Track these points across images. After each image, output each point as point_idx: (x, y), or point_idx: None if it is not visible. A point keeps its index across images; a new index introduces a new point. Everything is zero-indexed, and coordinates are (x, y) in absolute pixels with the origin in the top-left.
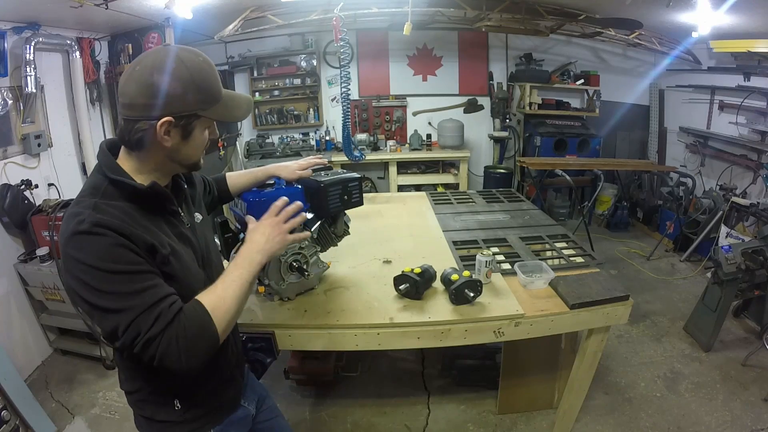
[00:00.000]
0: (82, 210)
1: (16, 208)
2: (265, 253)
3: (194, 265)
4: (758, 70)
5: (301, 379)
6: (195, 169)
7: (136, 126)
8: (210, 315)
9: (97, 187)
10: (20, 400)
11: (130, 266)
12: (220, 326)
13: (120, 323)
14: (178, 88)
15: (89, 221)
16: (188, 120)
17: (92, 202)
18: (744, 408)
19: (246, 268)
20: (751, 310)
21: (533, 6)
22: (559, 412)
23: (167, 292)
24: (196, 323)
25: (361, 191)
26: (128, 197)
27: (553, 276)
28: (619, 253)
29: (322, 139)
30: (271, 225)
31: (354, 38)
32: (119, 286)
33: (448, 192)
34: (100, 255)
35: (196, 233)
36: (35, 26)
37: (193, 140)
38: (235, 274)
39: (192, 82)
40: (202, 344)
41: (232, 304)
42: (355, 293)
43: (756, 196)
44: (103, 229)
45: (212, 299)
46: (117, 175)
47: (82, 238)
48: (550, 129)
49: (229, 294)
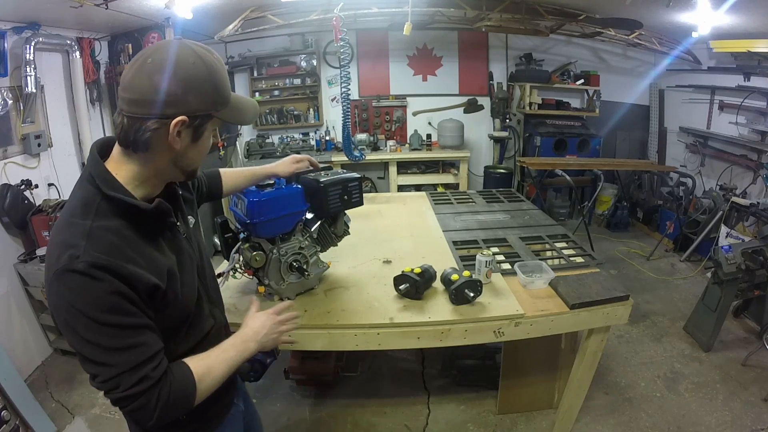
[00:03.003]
0: (77, 241)
1: (16, 208)
2: (260, 344)
3: (193, 276)
4: (758, 70)
5: (301, 379)
6: (193, 176)
7: (145, 125)
8: (195, 385)
9: (89, 204)
10: (20, 400)
11: (123, 318)
12: (200, 397)
13: (100, 374)
14: (197, 86)
15: (85, 261)
16: (202, 120)
17: (86, 227)
18: (744, 408)
19: (240, 352)
20: (751, 310)
21: (533, 6)
22: (559, 412)
23: (154, 351)
24: (179, 390)
25: (361, 191)
26: (125, 215)
27: (553, 276)
28: (619, 253)
29: (322, 139)
30: (272, 322)
31: (354, 38)
32: (107, 340)
33: (448, 192)
34: (93, 302)
35: (191, 242)
36: (35, 26)
37: (201, 143)
38: (229, 354)
39: (209, 81)
40: (178, 410)
41: (218, 379)
42: (355, 293)
43: (756, 196)
44: (100, 272)
45: (202, 370)
46: (114, 191)
47: (74, 278)
48: (550, 129)
49: (218, 371)
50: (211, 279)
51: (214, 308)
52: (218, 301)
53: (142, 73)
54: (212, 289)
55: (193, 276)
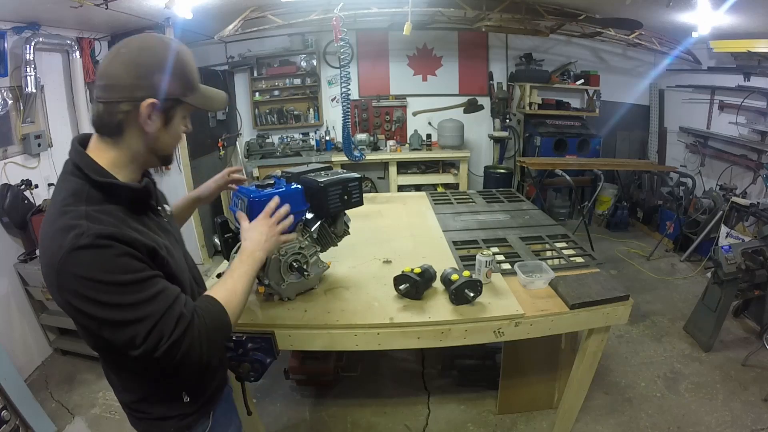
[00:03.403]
0: (76, 222)
1: (16, 208)
2: (265, 250)
3: (180, 258)
4: (758, 70)
5: (301, 379)
6: (168, 162)
7: (117, 108)
8: (225, 308)
9: (79, 194)
10: (20, 400)
11: (139, 274)
12: (233, 317)
13: (138, 332)
14: (165, 71)
15: (90, 234)
16: (171, 104)
17: (82, 211)
18: (744, 408)
19: (250, 264)
20: (751, 310)
21: (533, 6)
22: (559, 412)
23: (177, 292)
24: (215, 318)
25: (361, 191)
26: (115, 200)
27: (553, 276)
28: (619, 253)
29: (322, 139)
30: (267, 225)
31: (354, 38)
32: (132, 297)
33: (448, 192)
34: (107, 268)
35: (172, 225)
36: (35, 26)
37: (172, 128)
38: (242, 270)
39: (177, 66)
40: (220, 337)
41: (242, 297)
42: (355, 293)
43: (756, 196)
44: (106, 240)
45: (225, 294)
46: (103, 177)
47: (84, 253)
48: (550, 129)
49: (238, 288)
50: (193, 262)
51: (201, 290)
52: (203, 284)
53: (115, 60)
54: (196, 271)
55: (182, 257)
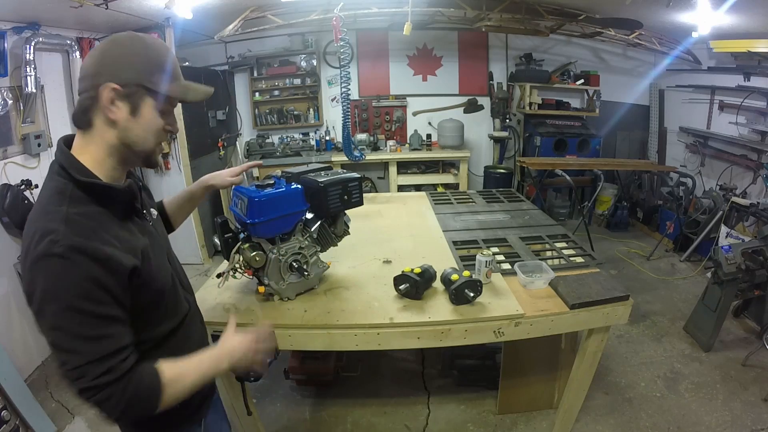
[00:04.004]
0: (55, 226)
1: (16, 208)
2: (234, 365)
3: (164, 260)
4: (758, 70)
5: (301, 379)
6: (150, 162)
7: (84, 97)
8: (162, 389)
9: (63, 193)
10: (20, 400)
11: (96, 307)
12: (165, 402)
13: (68, 361)
14: (128, 57)
15: (64, 244)
16: (134, 91)
17: (63, 212)
18: (744, 408)
19: (213, 368)
20: (751, 310)
21: (533, 6)
22: (559, 412)
23: (123, 344)
24: (145, 389)
25: (361, 191)
26: (99, 200)
27: (553, 276)
28: (619, 253)
29: (322, 139)
30: (248, 346)
31: (354, 38)
32: (78, 327)
33: (448, 192)
34: (68, 287)
35: (157, 229)
36: (35, 26)
37: (142, 118)
38: (204, 366)
39: (143, 54)
40: (142, 408)
41: (186, 388)
42: (355, 293)
43: (756, 196)
44: (79, 256)
45: (173, 374)
46: (86, 176)
47: (53, 263)
48: (550, 129)
49: (189, 379)
50: (180, 267)
51: (187, 294)
52: (190, 288)
53: (89, 55)
54: (183, 275)
55: (164, 260)
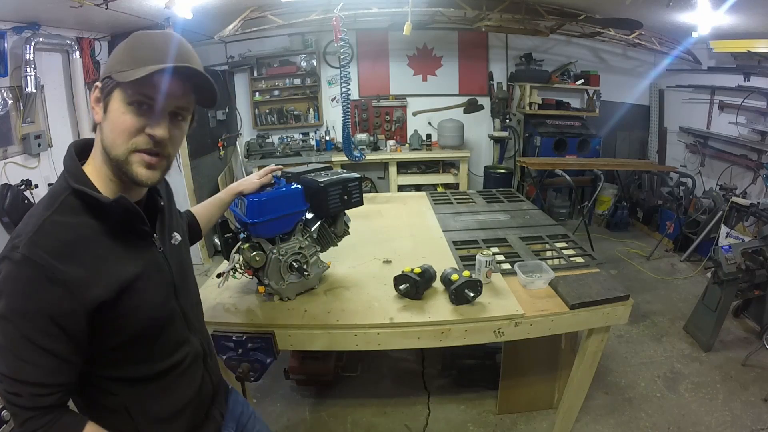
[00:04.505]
0: (26, 230)
1: (16, 208)
2: None
3: (163, 295)
4: (758, 70)
5: (301, 379)
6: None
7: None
8: None
9: (55, 198)
10: None
11: (32, 333)
12: None
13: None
14: (115, 52)
15: (23, 252)
16: (107, 83)
17: (40, 219)
18: (744, 408)
19: None
20: (751, 310)
21: (533, 6)
22: (559, 412)
23: (48, 381)
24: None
25: (361, 191)
26: (92, 212)
27: (553, 276)
28: (619, 253)
29: (322, 139)
30: None
31: (354, 38)
32: (6, 339)
33: (448, 192)
34: (11, 297)
35: (169, 259)
36: (35, 26)
37: (109, 114)
38: None
39: (129, 44)
40: None
41: None
42: (355, 293)
43: (756, 196)
44: (31, 270)
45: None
46: (80, 183)
47: (8, 266)
48: (550, 129)
49: None
50: (194, 304)
51: (192, 335)
52: (199, 329)
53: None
54: (194, 315)
55: (162, 296)
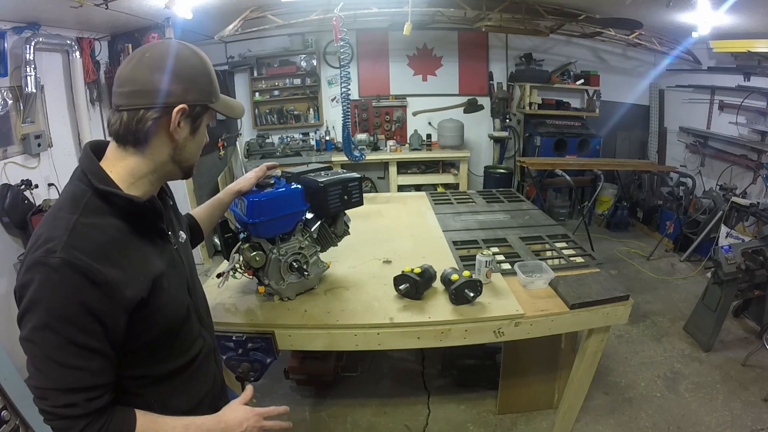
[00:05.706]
0: (57, 234)
1: (16, 208)
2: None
3: (181, 291)
4: (758, 70)
5: (301, 379)
6: (189, 173)
7: (146, 115)
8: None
9: (78, 199)
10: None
11: (78, 335)
12: None
13: (33, 378)
14: (195, 77)
15: (61, 257)
16: (200, 111)
17: (70, 222)
18: (744, 408)
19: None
20: (751, 310)
21: (533, 6)
22: (559, 412)
23: (96, 383)
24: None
25: (361, 191)
26: (118, 213)
27: (553, 276)
28: (619, 253)
29: (322, 139)
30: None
31: (354, 38)
32: (51, 349)
33: (448, 192)
34: (54, 304)
35: (181, 255)
36: (35, 26)
37: (199, 135)
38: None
39: (205, 73)
40: None
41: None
42: (355, 293)
43: (756, 196)
44: (73, 273)
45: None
46: (106, 185)
47: (44, 273)
48: (550, 129)
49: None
50: (202, 300)
51: (204, 330)
52: (209, 324)
53: (141, 65)
54: (203, 310)
55: (182, 291)
